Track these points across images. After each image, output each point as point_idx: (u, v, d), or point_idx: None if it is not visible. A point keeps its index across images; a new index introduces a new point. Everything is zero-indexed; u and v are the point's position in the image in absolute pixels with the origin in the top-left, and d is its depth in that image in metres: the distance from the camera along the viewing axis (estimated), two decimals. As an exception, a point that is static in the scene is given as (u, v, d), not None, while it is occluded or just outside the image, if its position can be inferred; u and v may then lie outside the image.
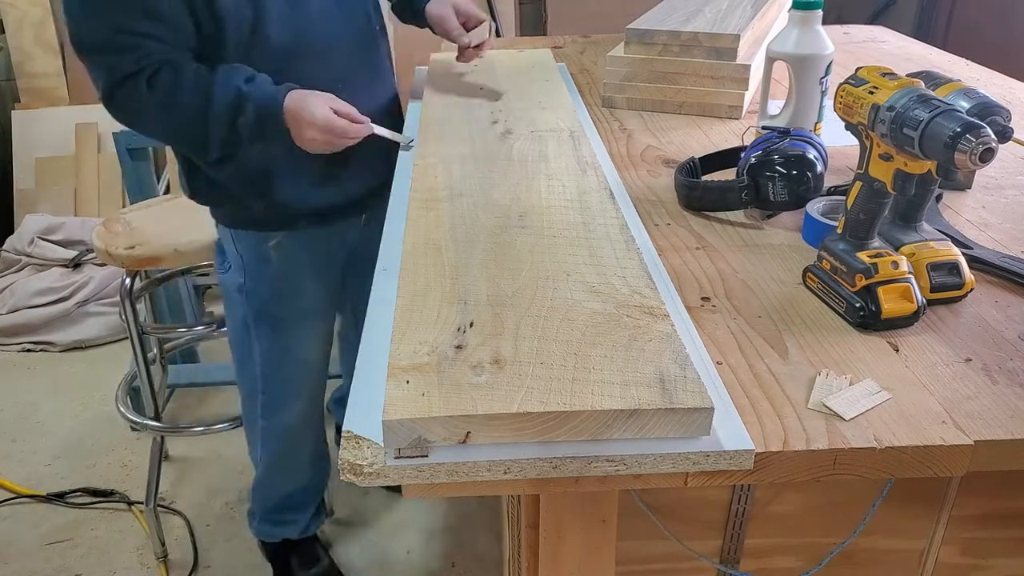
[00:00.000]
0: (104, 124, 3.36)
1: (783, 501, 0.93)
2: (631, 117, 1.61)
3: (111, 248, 1.82)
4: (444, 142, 1.33)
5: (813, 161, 1.11)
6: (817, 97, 1.32)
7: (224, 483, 2.31)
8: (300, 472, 1.84)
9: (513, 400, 0.71)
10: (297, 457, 1.81)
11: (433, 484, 0.72)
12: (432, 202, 1.11)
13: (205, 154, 1.38)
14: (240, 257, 1.55)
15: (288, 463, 1.81)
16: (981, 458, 0.74)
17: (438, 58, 1.85)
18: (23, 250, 3.11)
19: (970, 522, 0.95)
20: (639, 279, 0.90)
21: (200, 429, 2.14)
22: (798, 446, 0.73)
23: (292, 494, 1.87)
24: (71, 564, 2.06)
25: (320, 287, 1.61)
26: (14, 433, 2.54)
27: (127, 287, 1.93)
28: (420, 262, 0.95)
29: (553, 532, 0.90)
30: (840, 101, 0.93)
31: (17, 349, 2.97)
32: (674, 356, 0.77)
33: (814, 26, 1.28)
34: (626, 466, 0.72)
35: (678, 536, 0.94)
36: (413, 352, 0.78)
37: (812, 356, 0.86)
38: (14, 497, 2.27)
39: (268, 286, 1.56)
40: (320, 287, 1.61)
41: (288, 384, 1.68)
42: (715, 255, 1.07)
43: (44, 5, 3.38)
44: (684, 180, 1.20)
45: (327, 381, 1.80)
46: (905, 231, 1.01)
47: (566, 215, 1.06)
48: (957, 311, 0.94)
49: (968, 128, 0.79)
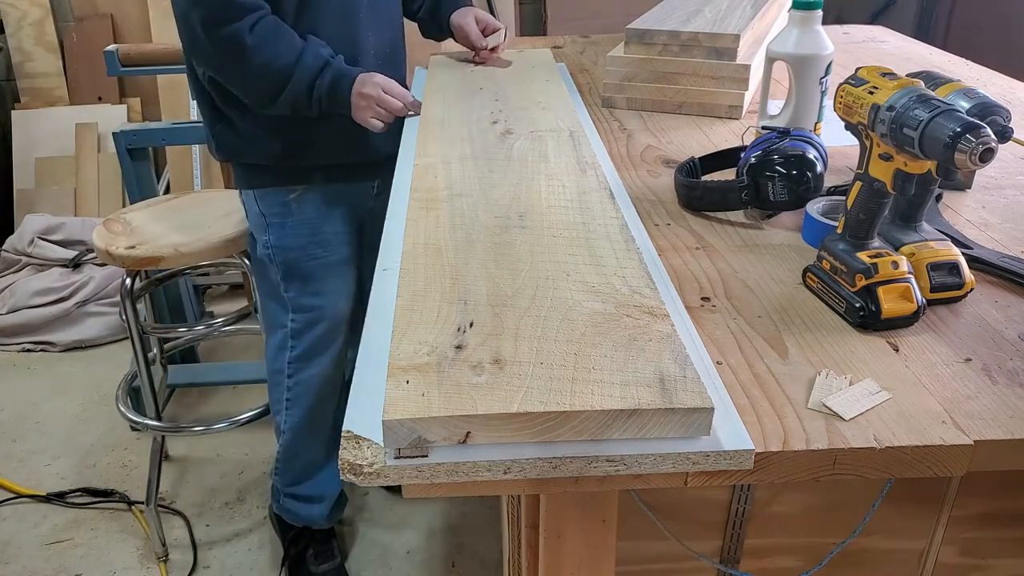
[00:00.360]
0: (104, 124, 3.36)
1: (783, 501, 0.93)
2: (631, 117, 1.61)
3: (112, 248, 1.82)
4: (444, 142, 1.33)
5: (813, 161, 1.11)
6: (817, 97, 1.32)
7: (224, 483, 2.31)
8: (324, 438, 1.87)
9: (513, 400, 0.71)
10: (322, 420, 1.85)
11: (433, 484, 0.72)
12: (432, 202, 1.11)
13: (272, 105, 1.53)
14: (263, 216, 1.70)
15: (313, 427, 1.84)
16: (981, 458, 0.74)
17: (438, 58, 1.85)
18: (23, 250, 3.11)
19: (970, 522, 0.95)
20: (639, 279, 0.90)
21: (200, 429, 2.14)
22: (798, 446, 0.73)
23: (315, 463, 1.90)
24: (71, 564, 2.06)
25: (342, 242, 1.74)
26: (14, 433, 2.54)
27: (127, 287, 1.93)
28: (420, 262, 0.95)
29: (553, 532, 0.90)
30: (840, 101, 0.93)
31: (17, 349, 2.97)
32: (674, 356, 0.77)
33: (814, 26, 1.28)
34: (626, 466, 0.72)
35: (678, 536, 0.94)
36: (413, 352, 0.78)
37: (812, 356, 0.86)
38: (14, 497, 2.27)
39: (291, 239, 1.70)
40: (342, 242, 1.74)
41: (316, 339, 1.77)
42: (715, 255, 1.07)
43: (44, 5, 3.37)
44: (684, 180, 1.20)
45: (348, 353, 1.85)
46: (905, 231, 1.01)
47: (566, 215, 1.06)
48: (957, 311, 0.94)
49: (968, 128, 0.79)
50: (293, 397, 1.82)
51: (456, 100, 1.56)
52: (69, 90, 3.46)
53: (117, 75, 2.35)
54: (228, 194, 2.14)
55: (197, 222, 1.93)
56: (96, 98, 3.45)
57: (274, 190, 1.68)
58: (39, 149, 3.39)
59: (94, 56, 3.26)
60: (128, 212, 2.01)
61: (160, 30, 3.30)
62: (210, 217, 1.95)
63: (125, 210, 2.02)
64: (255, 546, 2.09)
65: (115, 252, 1.81)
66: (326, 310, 1.75)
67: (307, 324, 1.76)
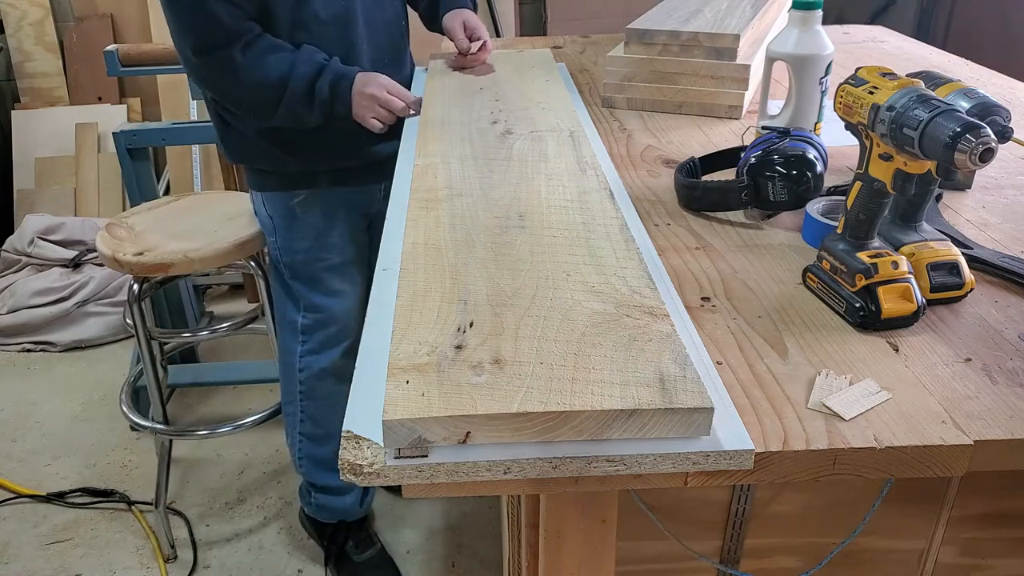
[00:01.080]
0: (104, 124, 3.37)
1: (783, 501, 0.93)
2: (631, 117, 1.61)
3: (119, 254, 1.80)
4: (444, 142, 1.33)
5: (813, 161, 1.11)
6: (817, 97, 1.32)
7: (224, 483, 2.31)
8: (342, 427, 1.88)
9: (513, 400, 0.71)
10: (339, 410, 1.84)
11: (433, 484, 0.72)
12: (432, 202, 1.11)
13: (272, 118, 1.55)
14: (271, 219, 1.73)
15: (330, 417, 1.85)
16: (981, 458, 0.74)
17: (438, 58, 1.86)
18: (23, 250, 3.11)
19: (970, 522, 0.95)
20: (639, 279, 0.90)
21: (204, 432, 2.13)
22: (798, 446, 0.73)
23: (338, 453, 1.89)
24: (71, 564, 2.06)
25: (348, 245, 1.76)
26: (14, 433, 2.54)
27: (135, 293, 1.90)
28: (420, 262, 0.95)
29: (553, 532, 0.90)
30: (840, 101, 0.93)
31: (17, 349, 2.97)
32: (674, 356, 0.77)
33: (814, 26, 1.28)
34: (626, 466, 0.72)
35: (678, 536, 0.94)
36: (413, 352, 0.78)
37: (812, 356, 0.86)
38: (14, 497, 2.27)
39: (298, 242, 1.72)
40: (348, 245, 1.76)
41: (328, 336, 1.79)
42: (715, 255, 1.07)
43: (44, 5, 3.38)
44: (684, 180, 1.20)
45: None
46: (905, 231, 1.01)
47: (566, 215, 1.06)
48: (957, 311, 0.94)
49: (968, 128, 0.78)
50: (306, 390, 1.83)
51: (456, 100, 1.56)
52: (69, 90, 3.46)
53: (117, 75, 2.35)
54: (230, 196, 2.13)
55: (202, 226, 1.92)
56: (96, 98, 3.46)
57: (279, 193, 1.70)
58: (39, 149, 3.39)
59: (94, 56, 3.27)
60: (130, 216, 1.99)
61: (160, 30, 3.30)
62: (215, 221, 1.94)
63: (126, 214, 2.01)
64: (255, 546, 2.09)
65: (123, 259, 1.79)
66: (335, 310, 1.77)
67: (317, 322, 1.78)
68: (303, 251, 1.73)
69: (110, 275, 3.06)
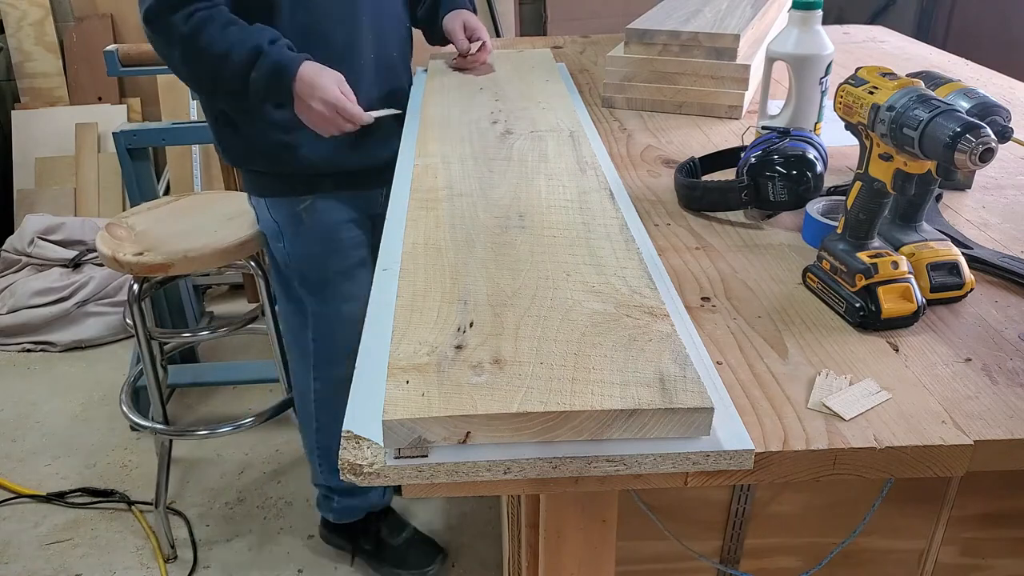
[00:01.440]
0: (104, 124, 3.37)
1: (783, 501, 0.93)
2: (631, 117, 1.61)
3: (119, 255, 1.80)
4: (444, 142, 1.33)
5: (813, 161, 1.11)
6: (817, 97, 1.32)
7: (224, 483, 2.31)
8: None
9: (513, 400, 0.71)
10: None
11: (433, 484, 0.72)
12: (432, 202, 1.11)
13: (212, 99, 1.51)
14: (276, 223, 1.70)
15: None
16: (981, 458, 0.74)
17: (438, 58, 1.86)
18: (23, 250, 3.11)
19: (970, 522, 0.95)
20: (639, 279, 0.90)
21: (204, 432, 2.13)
22: (798, 446, 0.73)
23: None
24: (71, 564, 2.06)
25: (357, 246, 1.74)
26: (14, 433, 2.54)
27: (135, 294, 1.90)
28: (420, 262, 0.95)
29: (553, 532, 0.90)
30: (840, 101, 0.93)
31: (17, 349, 2.97)
32: (674, 356, 0.77)
33: (814, 26, 1.28)
34: (626, 466, 0.72)
35: (678, 536, 0.94)
36: (413, 352, 0.78)
37: (812, 356, 0.86)
38: (14, 497, 2.27)
39: (307, 247, 1.70)
40: (357, 246, 1.74)
41: (338, 338, 1.77)
42: (715, 255, 1.07)
43: (44, 5, 3.38)
44: (684, 180, 1.20)
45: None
46: (905, 231, 1.01)
47: (566, 215, 1.06)
48: (957, 311, 0.94)
49: (968, 128, 0.78)
50: (320, 402, 1.83)
51: (456, 100, 1.56)
52: (69, 90, 3.46)
53: (117, 75, 2.35)
54: (230, 195, 2.13)
55: (202, 226, 1.92)
56: (96, 98, 3.46)
57: (284, 199, 1.67)
58: (39, 149, 3.39)
59: (94, 56, 3.27)
60: (130, 216, 2.00)
61: (160, 30, 3.29)
62: (215, 221, 1.94)
63: (126, 214, 2.01)
64: (255, 546, 2.09)
65: (123, 259, 1.79)
66: (344, 312, 1.75)
67: (327, 324, 1.77)
68: (313, 255, 1.70)
69: (110, 275, 3.06)
